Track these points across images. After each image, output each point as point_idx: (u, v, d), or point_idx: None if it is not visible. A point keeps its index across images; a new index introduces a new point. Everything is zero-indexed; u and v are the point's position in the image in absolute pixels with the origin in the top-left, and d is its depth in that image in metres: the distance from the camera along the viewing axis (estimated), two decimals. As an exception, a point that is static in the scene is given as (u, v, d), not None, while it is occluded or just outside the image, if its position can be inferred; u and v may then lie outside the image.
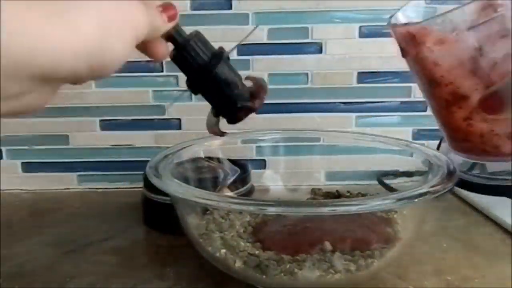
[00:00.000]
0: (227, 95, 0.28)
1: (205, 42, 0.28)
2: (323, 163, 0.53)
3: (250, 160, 0.51)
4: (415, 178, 0.40)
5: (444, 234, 0.44)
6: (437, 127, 0.36)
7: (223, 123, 0.31)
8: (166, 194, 0.34)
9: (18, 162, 0.61)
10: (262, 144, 0.50)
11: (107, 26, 0.19)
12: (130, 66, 0.57)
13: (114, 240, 0.44)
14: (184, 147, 0.42)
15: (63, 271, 0.38)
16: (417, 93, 0.58)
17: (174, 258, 0.40)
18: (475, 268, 0.37)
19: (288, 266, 0.32)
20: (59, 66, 0.18)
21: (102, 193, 0.59)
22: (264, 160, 0.53)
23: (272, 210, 0.32)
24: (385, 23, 0.35)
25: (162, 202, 0.44)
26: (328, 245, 0.33)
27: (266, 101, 0.58)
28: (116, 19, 0.20)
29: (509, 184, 0.36)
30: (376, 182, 0.49)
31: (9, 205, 0.55)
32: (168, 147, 0.41)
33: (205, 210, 0.39)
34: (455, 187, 0.33)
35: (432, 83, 0.33)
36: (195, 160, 0.43)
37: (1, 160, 0.60)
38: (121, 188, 0.60)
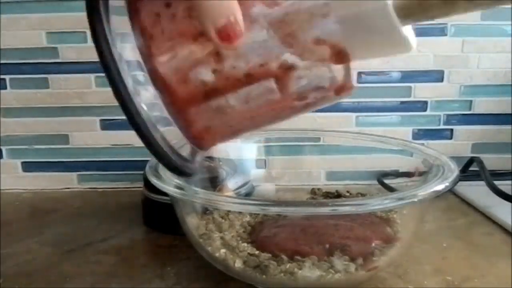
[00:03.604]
0: None
1: None
2: (323, 163, 0.53)
3: (250, 160, 0.51)
4: (415, 178, 0.40)
5: (444, 234, 0.44)
6: (437, 127, 0.36)
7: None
8: (166, 194, 0.34)
9: (18, 162, 0.61)
10: (262, 144, 0.50)
11: None
12: (130, 66, 0.57)
13: (114, 240, 0.44)
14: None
15: (63, 271, 0.38)
16: (417, 93, 0.58)
17: (174, 258, 0.40)
18: (475, 268, 0.37)
19: (288, 266, 0.32)
20: None
21: (102, 193, 0.59)
22: (264, 160, 0.53)
23: (272, 210, 0.32)
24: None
25: (162, 202, 0.44)
26: (328, 245, 0.33)
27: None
28: None
29: None
30: (376, 182, 0.49)
31: (9, 205, 0.55)
32: (168, 147, 0.41)
33: (205, 210, 0.39)
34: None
35: None
36: (195, 160, 0.43)
37: (1, 160, 0.60)
38: (121, 188, 0.60)
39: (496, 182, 0.47)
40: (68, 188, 0.61)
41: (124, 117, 0.22)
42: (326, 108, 0.58)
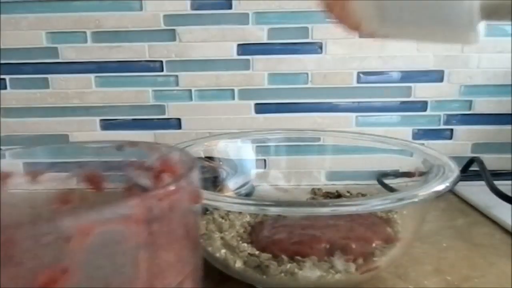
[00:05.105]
0: None
1: None
2: (323, 163, 0.53)
3: (250, 160, 0.51)
4: (415, 178, 0.40)
5: (444, 234, 0.44)
6: (437, 127, 0.36)
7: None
8: (166, 194, 0.34)
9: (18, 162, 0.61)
10: (262, 144, 0.50)
11: None
12: (130, 66, 0.57)
13: (114, 240, 0.44)
14: (184, 147, 0.42)
15: (63, 271, 0.38)
16: (417, 93, 0.58)
17: (174, 258, 0.40)
18: (475, 268, 0.37)
19: (288, 266, 0.32)
20: None
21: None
22: (264, 160, 0.53)
23: (272, 210, 0.32)
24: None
25: (162, 202, 0.44)
26: (328, 245, 0.33)
27: (266, 101, 0.58)
28: None
29: None
30: (376, 182, 0.49)
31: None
32: (168, 147, 0.41)
33: (205, 210, 0.39)
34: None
35: None
36: (195, 160, 0.43)
37: (1, 160, 0.60)
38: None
39: (496, 182, 0.47)
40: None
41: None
42: (326, 108, 0.58)
